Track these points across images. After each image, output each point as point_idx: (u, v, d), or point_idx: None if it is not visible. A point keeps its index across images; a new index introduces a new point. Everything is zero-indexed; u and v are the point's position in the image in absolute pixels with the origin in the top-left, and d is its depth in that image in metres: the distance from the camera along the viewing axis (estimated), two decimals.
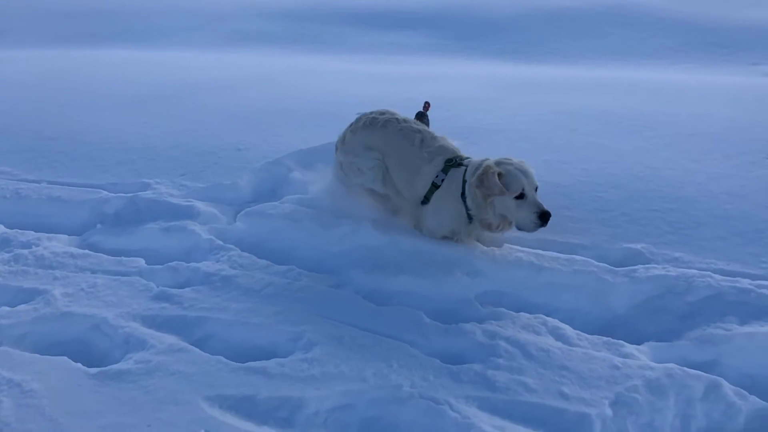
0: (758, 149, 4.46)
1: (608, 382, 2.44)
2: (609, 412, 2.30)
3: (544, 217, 3.00)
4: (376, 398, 2.39)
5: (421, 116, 4.84)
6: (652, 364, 2.56)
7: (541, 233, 3.23)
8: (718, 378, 2.47)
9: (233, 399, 2.39)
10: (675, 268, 3.12)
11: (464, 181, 3.21)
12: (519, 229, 3.13)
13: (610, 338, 2.75)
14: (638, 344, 2.73)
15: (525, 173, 3.05)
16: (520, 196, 3.02)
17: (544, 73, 7.51)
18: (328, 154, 4.80)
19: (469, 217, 3.26)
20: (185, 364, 2.58)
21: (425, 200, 3.36)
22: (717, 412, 2.37)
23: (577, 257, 3.22)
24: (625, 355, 2.62)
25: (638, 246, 3.34)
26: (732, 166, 4.25)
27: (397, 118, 3.54)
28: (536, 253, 3.28)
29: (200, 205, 4.02)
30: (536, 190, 3.08)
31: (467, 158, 3.36)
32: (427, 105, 4.86)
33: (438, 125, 4.96)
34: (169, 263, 3.40)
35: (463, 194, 3.22)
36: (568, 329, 2.81)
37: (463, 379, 2.48)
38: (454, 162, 3.34)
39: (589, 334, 2.80)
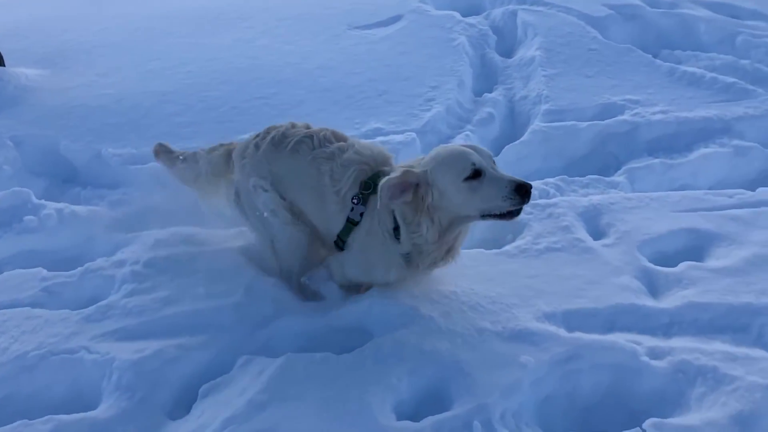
0: (340, 22, 4.92)
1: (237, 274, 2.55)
2: (243, 300, 2.41)
3: (521, 189, 2.10)
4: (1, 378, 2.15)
5: None
6: None
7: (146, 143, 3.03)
8: None
9: None
10: None
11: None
12: (490, 217, 2.18)
13: None
14: None
15: (472, 148, 2.21)
16: (474, 175, 2.13)
17: None
18: None
19: (406, 259, 2.34)
20: None
21: (340, 242, 2.41)
22: None
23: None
24: None
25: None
26: (321, 42, 4.63)
27: (311, 137, 2.46)
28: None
29: None
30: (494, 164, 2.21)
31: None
32: None
33: (16, 56, 4.35)
34: None
35: (396, 229, 2.29)
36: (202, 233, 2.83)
37: (97, 318, 2.36)
38: (372, 186, 2.30)
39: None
